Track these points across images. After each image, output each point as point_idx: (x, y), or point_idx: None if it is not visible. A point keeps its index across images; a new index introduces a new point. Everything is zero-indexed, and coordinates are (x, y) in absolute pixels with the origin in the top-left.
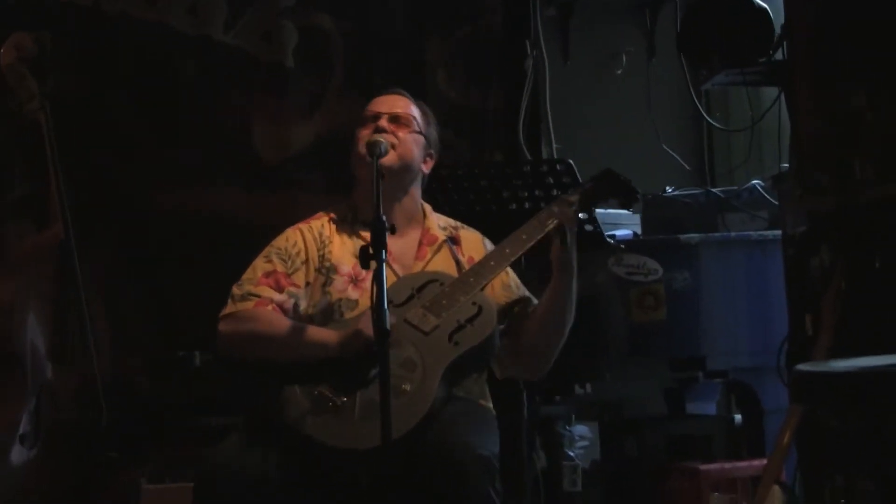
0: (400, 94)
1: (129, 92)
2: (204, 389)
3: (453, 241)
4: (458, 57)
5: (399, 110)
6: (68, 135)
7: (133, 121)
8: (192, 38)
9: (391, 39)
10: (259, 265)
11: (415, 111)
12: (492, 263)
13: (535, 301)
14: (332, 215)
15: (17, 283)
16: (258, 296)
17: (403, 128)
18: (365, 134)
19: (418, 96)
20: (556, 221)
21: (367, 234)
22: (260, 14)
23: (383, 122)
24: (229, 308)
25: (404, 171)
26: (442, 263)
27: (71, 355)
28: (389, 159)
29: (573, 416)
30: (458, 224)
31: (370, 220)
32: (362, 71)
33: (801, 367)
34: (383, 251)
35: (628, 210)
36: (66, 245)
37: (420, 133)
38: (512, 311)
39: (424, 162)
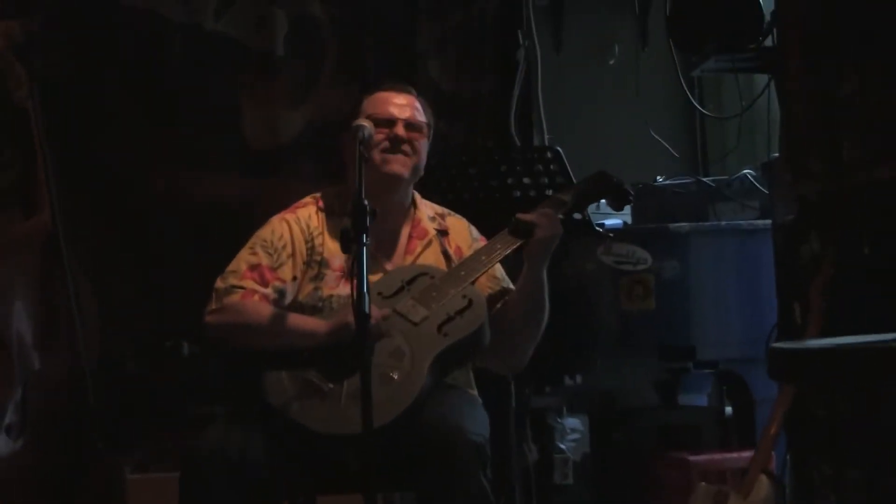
0: (410, 92)
1: (120, 78)
2: (191, 379)
3: (442, 233)
4: (450, 44)
5: (417, 118)
6: (59, 119)
7: (124, 107)
8: (182, 27)
9: (383, 26)
10: (244, 257)
11: (425, 115)
12: (483, 258)
13: None
14: (320, 204)
15: (4, 270)
16: (243, 287)
17: (417, 135)
18: (380, 139)
19: (410, 85)
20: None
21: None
22: (250, 2)
23: (401, 131)
24: (214, 304)
25: (414, 177)
26: (431, 257)
27: (58, 344)
28: (404, 169)
29: (564, 409)
30: (445, 211)
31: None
32: (354, 58)
33: (777, 345)
34: (364, 235)
35: (619, 212)
36: (53, 233)
37: (429, 137)
38: (495, 302)
39: None
